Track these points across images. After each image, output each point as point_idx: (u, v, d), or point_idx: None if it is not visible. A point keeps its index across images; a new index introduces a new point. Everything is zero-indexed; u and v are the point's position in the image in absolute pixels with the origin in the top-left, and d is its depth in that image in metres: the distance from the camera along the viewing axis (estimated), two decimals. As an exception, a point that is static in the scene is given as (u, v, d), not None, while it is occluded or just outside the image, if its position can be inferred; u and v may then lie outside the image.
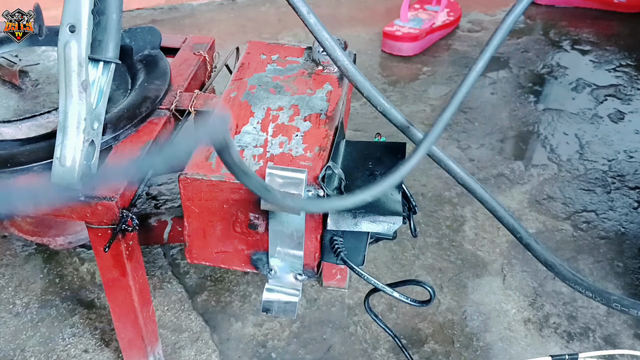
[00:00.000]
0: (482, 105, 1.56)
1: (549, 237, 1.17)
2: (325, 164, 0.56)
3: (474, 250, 1.14)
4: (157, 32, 0.85)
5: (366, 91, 0.55)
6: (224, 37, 1.79)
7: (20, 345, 0.95)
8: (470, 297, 1.05)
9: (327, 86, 0.68)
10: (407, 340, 0.98)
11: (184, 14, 1.95)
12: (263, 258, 0.59)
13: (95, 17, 0.55)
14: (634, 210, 1.25)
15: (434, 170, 1.31)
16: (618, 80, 1.68)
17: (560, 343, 0.98)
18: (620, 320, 1.02)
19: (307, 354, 0.95)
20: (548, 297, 1.05)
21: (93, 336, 0.96)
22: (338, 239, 0.56)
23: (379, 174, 0.61)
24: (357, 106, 1.50)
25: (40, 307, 1.00)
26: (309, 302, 1.03)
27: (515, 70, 1.71)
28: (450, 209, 1.23)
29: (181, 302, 1.02)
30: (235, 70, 0.72)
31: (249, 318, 1.00)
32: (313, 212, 0.54)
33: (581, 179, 1.32)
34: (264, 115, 0.63)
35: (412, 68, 1.71)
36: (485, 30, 1.91)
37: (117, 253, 0.70)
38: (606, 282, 1.08)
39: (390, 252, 1.12)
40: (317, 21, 0.52)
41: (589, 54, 1.79)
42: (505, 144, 1.43)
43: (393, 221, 0.55)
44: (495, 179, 1.32)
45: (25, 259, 1.09)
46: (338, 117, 0.64)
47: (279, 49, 0.76)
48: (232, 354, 0.95)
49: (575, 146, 1.42)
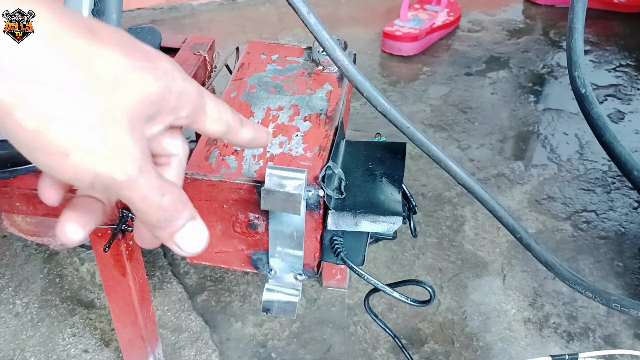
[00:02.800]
0: (482, 105, 1.56)
1: (549, 237, 1.17)
2: (325, 164, 0.56)
3: (474, 250, 1.14)
4: (157, 32, 0.85)
5: (366, 91, 0.55)
6: (224, 37, 1.79)
7: (20, 345, 0.95)
8: (470, 297, 1.05)
9: (327, 86, 0.68)
10: (407, 340, 0.98)
11: (184, 14, 1.95)
12: (263, 258, 0.59)
13: (95, 17, 0.55)
14: (634, 210, 1.25)
15: (434, 170, 1.31)
16: (618, 80, 1.68)
17: (560, 343, 0.98)
18: (620, 320, 1.02)
19: (307, 354, 0.95)
20: (548, 297, 1.05)
21: (93, 336, 0.96)
22: (338, 239, 0.56)
23: (379, 174, 0.61)
24: (357, 106, 1.50)
25: (40, 307, 1.00)
26: (309, 302, 1.03)
27: (515, 70, 1.71)
28: (450, 209, 1.23)
29: (181, 302, 1.02)
30: (235, 70, 0.72)
31: (249, 318, 1.00)
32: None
33: (581, 179, 1.32)
34: (264, 115, 0.63)
35: (412, 68, 1.71)
36: (485, 30, 1.91)
37: (117, 253, 0.70)
38: (606, 282, 1.08)
39: (390, 252, 1.12)
40: (317, 21, 0.52)
41: (589, 54, 1.79)
42: (505, 144, 1.43)
43: (393, 221, 0.55)
44: (495, 179, 1.32)
45: (25, 259, 1.09)
46: (338, 117, 0.64)
47: (279, 49, 0.76)
48: (232, 354, 0.95)
49: (575, 146, 1.42)
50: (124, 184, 0.30)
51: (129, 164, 0.30)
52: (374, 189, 0.59)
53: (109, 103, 0.29)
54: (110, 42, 0.29)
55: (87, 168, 0.29)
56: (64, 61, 0.27)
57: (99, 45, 0.29)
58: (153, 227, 0.33)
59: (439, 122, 1.49)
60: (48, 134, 0.27)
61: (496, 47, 1.83)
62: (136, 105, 0.30)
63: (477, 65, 1.73)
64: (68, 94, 0.27)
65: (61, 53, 0.27)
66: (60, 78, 0.27)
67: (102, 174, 0.29)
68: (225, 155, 0.58)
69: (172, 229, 0.34)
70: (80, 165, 0.28)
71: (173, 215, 0.33)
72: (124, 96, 0.29)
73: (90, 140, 0.28)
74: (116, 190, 0.30)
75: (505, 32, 1.91)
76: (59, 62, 0.27)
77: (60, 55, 0.27)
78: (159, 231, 0.34)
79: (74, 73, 0.27)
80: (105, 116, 0.28)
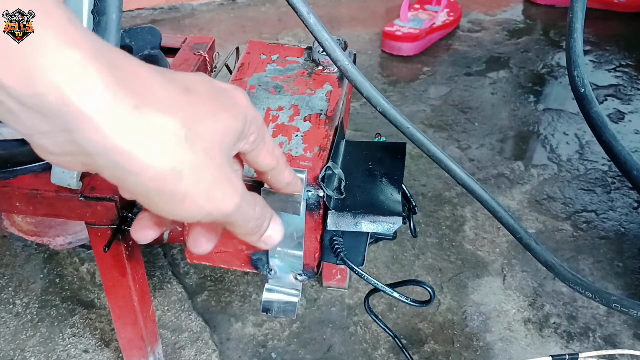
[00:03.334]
0: (482, 105, 1.56)
1: (549, 237, 1.17)
2: (325, 164, 0.56)
3: (474, 250, 1.14)
4: (157, 32, 0.85)
5: (366, 91, 0.55)
6: (224, 37, 1.79)
7: (20, 345, 0.95)
8: (470, 297, 1.05)
9: (327, 86, 0.68)
10: (407, 340, 0.98)
11: (184, 14, 1.95)
12: (263, 258, 0.59)
13: (95, 17, 0.55)
14: (634, 210, 1.25)
15: (434, 170, 1.31)
16: (618, 80, 1.68)
17: (561, 343, 0.98)
18: (620, 320, 1.02)
19: (307, 354, 0.95)
20: (548, 297, 1.05)
21: (93, 336, 0.96)
22: (338, 239, 0.56)
23: (379, 174, 0.61)
24: (357, 106, 1.50)
25: (40, 307, 1.00)
26: (309, 302, 1.03)
27: (515, 70, 1.71)
28: (450, 209, 1.23)
29: (181, 302, 1.02)
30: (235, 70, 0.72)
31: (249, 318, 1.00)
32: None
33: (581, 179, 1.32)
34: (263, 116, 0.63)
35: (412, 68, 1.71)
36: (485, 30, 1.91)
37: (117, 253, 0.70)
38: (606, 282, 1.08)
39: (390, 252, 1.12)
40: (316, 21, 0.52)
41: (589, 54, 1.79)
42: (505, 144, 1.43)
43: (393, 221, 0.55)
44: (495, 179, 1.32)
45: (25, 259, 1.09)
46: (338, 117, 0.64)
47: (279, 49, 0.76)
48: (232, 354, 0.95)
49: (575, 146, 1.42)
50: (232, 213, 0.34)
51: (235, 195, 0.34)
52: (374, 189, 0.59)
53: (210, 148, 0.32)
54: (202, 96, 0.33)
55: (201, 209, 0.32)
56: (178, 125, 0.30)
57: (195, 105, 0.32)
58: (245, 234, 0.38)
59: (439, 122, 1.49)
60: (168, 185, 0.30)
61: (496, 47, 1.83)
62: (227, 141, 0.34)
63: (477, 65, 1.73)
64: (180, 148, 0.30)
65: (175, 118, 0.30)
66: (176, 138, 0.30)
67: (214, 212, 0.33)
68: (225, 156, 0.58)
69: (262, 230, 0.39)
70: (194, 209, 0.32)
71: (262, 221, 0.38)
72: (219, 137, 0.33)
73: (202, 185, 0.31)
74: (223, 219, 0.35)
75: (505, 32, 1.91)
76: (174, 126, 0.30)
77: (176, 121, 0.30)
78: (250, 236, 0.39)
79: (184, 132, 0.30)
80: (207, 160, 0.32)
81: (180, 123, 0.30)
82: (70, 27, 0.27)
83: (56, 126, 0.27)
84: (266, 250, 0.58)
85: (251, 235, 0.38)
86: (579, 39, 0.80)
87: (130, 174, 0.29)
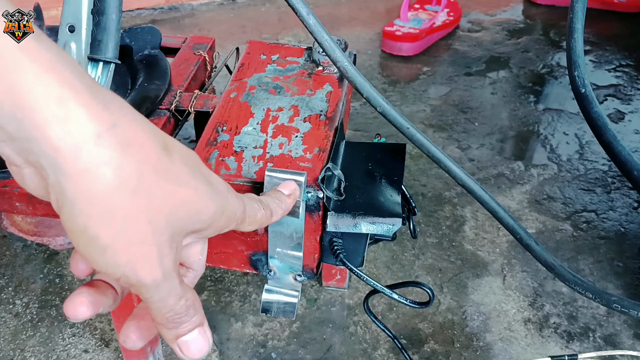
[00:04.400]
0: (482, 105, 1.56)
1: (549, 237, 1.17)
2: (324, 165, 0.56)
3: (474, 251, 1.14)
4: (157, 32, 0.85)
5: (366, 92, 0.55)
6: (224, 37, 1.79)
7: (20, 345, 0.95)
8: (470, 297, 1.05)
9: (327, 87, 0.68)
10: (407, 340, 0.98)
11: (184, 14, 1.95)
12: (262, 259, 0.59)
13: (95, 17, 0.55)
14: (634, 210, 1.24)
15: (434, 170, 1.30)
16: (618, 80, 1.68)
17: (561, 343, 0.98)
18: (620, 320, 1.02)
19: (307, 354, 0.95)
20: (548, 297, 1.05)
21: (93, 336, 0.96)
22: (337, 240, 0.56)
23: (379, 175, 0.61)
24: (357, 106, 1.50)
25: (40, 307, 1.00)
26: (309, 302, 1.03)
27: (515, 70, 1.71)
28: (450, 209, 1.23)
29: (181, 302, 1.02)
30: (235, 70, 0.72)
31: (249, 318, 1.00)
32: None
33: (581, 179, 1.32)
34: (263, 116, 0.63)
35: (412, 68, 1.71)
36: (485, 30, 1.91)
37: (117, 253, 0.70)
38: (606, 282, 1.08)
39: (390, 252, 1.12)
40: (316, 22, 0.52)
41: (589, 54, 1.79)
42: (505, 144, 1.43)
43: (392, 223, 0.54)
44: (495, 179, 1.32)
45: (25, 259, 1.09)
46: (338, 118, 0.64)
47: (279, 49, 0.76)
48: (232, 354, 0.95)
49: (575, 146, 1.42)
50: (148, 287, 0.32)
51: (157, 269, 0.31)
52: (374, 190, 0.59)
53: (156, 212, 0.30)
54: (175, 162, 0.32)
55: (118, 266, 0.30)
56: (131, 170, 0.29)
57: (161, 163, 0.31)
58: (160, 324, 0.34)
59: (439, 122, 1.49)
60: (94, 230, 0.29)
61: (496, 47, 1.82)
62: (185, 220, 0.32)
63: (477, 65, 1.73)
64: (119, 204, 0.29)
65: (130, 163, 0.29)
66: (120, 181, 0.29)
67: (130, 276, 0.31)
68: (224, 156, 0.58)
69: (179, 331, 0.35)
70: (112, 262, 0.30)
71: (183, 318, 0.34)
72: (170, 207, 0.31)
73: (126, 239, 0.30)
74: (138, 289, 0.32)
75: (505, 32, 1.91)
76: (129, 169, 0.29)
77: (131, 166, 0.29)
78: (165, 330, 0.35)
79: (133, 181, 0.29)
80: (144, 218, 0.30)
81: (136, 171, 0.29)
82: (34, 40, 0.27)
83: (12, 133, 0.27)
84: (265, 251, 0.58)
85: (165, 328, 0.34)
86: (580, 39, 0.80)
87: (63, 175, 0.28)
